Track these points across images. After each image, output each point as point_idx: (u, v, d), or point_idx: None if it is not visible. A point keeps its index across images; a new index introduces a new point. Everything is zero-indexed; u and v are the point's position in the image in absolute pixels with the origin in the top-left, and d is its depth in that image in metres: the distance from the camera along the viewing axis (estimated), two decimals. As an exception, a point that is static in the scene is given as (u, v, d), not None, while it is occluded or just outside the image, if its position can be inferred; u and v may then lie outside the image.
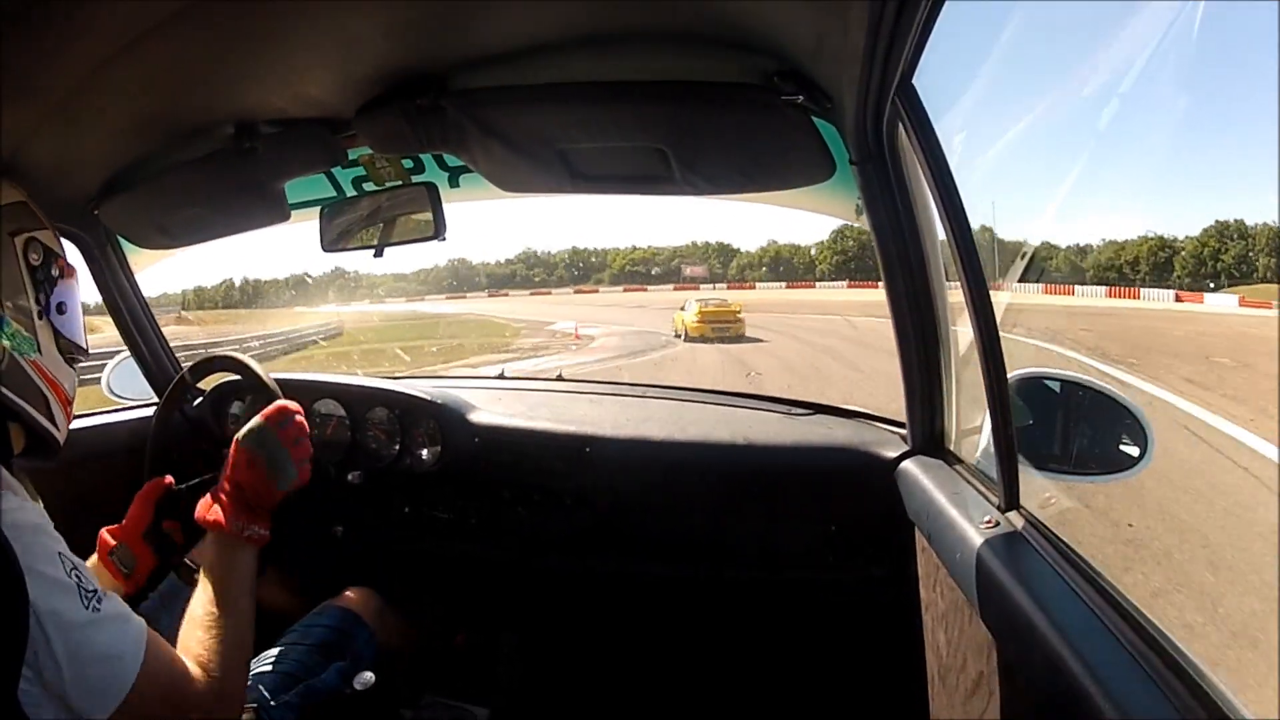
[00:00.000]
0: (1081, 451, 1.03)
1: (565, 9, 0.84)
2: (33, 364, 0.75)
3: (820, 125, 0.95)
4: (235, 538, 0.89)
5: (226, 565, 0.88)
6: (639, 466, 1.38)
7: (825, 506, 1.29)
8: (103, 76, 0.87)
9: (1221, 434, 4.56)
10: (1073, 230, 43.43)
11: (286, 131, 1.11)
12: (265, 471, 0.93)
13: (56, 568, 0.64)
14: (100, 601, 0.66)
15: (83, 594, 0.64)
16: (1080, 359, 7.52)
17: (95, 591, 0.66)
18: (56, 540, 0.67)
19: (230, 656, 0.79)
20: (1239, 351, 8.34)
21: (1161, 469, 3.47)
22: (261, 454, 0.93)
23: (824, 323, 18.73)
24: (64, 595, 0.63)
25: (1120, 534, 3.06)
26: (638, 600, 1.44)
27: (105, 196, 1.26)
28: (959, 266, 0.87)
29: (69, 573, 0.65)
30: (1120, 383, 5.54)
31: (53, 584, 0.63)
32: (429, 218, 1.27)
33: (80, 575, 0.66)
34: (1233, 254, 38.71)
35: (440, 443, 1.48)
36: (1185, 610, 2.46)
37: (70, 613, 0.63)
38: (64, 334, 0.81)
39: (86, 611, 0.64)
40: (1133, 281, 41.44)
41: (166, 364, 1.66)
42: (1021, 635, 0.70)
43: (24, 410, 0.74)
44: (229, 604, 0.83)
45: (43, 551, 0.64)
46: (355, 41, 0.89)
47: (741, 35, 0.86)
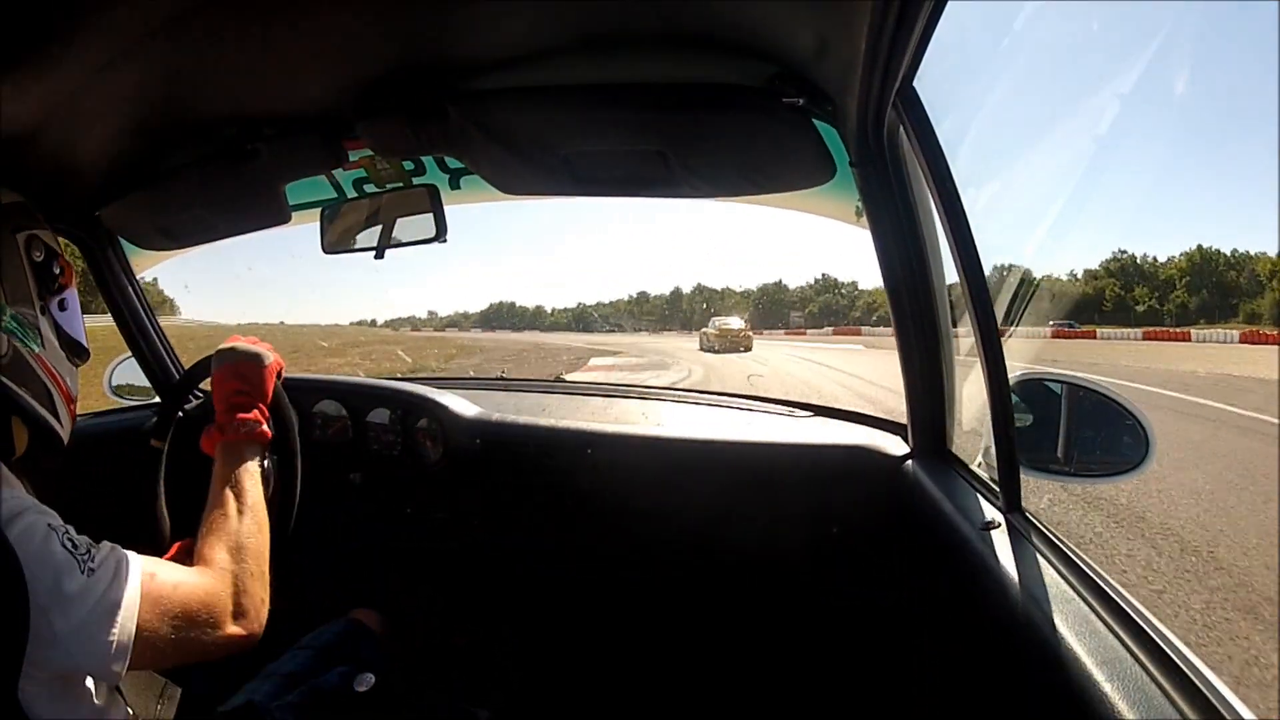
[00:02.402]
0: (1083, 453, 1.02)
1: (567, 11, 0.83)
2: (36, 357, 0.75)
3: (821, 128, 0.95)
4: (235, 438, 0.92)
5: (232, 467, 0.89)
6: (640, 468, 1.38)
7: (827, 508, 1.29)
8: (104, 78, 0.87)
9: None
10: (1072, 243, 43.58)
11: (288, 133, 1.11)
12: (237, 365, 0.98)
13: (51, 544, 0.63)
14: (93, 558, 0.65)
15: (78, 560, 0.64)
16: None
17: (88, 550, 0.65)
18: (45, 513, 0.66)
19: (243, 555, 0.80)
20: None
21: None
22: (223, 358, 0.99)
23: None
24: (63, 573, 0.62)
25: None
26: (639, 601, 1.44)
27: (106, 198, 1.26)
28: (959, 268, 0.87)
29: (62, 541, 0.64)
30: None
31: (52, 566, 0.62)
32: (430, 220, 1.27)
33: (71, 539, 0.65)
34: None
35: (442, 443, 1.48)
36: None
37: (70, 587, 0.62)
38: (66, 331, 0.81)
39: (83, 576, 0.63)
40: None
41: (168, 364, 1.66)
42: (1022, 637, 0.70)
43: (27, 403, 0.73)
44: (239, 503, 0.85)
45: (37, 534, 0.63)
46: (357, 43, 0.89)
47: (742, 38, 0.86)
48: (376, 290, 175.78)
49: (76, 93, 0.89)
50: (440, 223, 1.27)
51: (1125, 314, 53.96)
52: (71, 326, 0.82)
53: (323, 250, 1.37)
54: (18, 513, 0.63)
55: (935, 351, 1.10)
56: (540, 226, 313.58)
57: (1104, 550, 3.20)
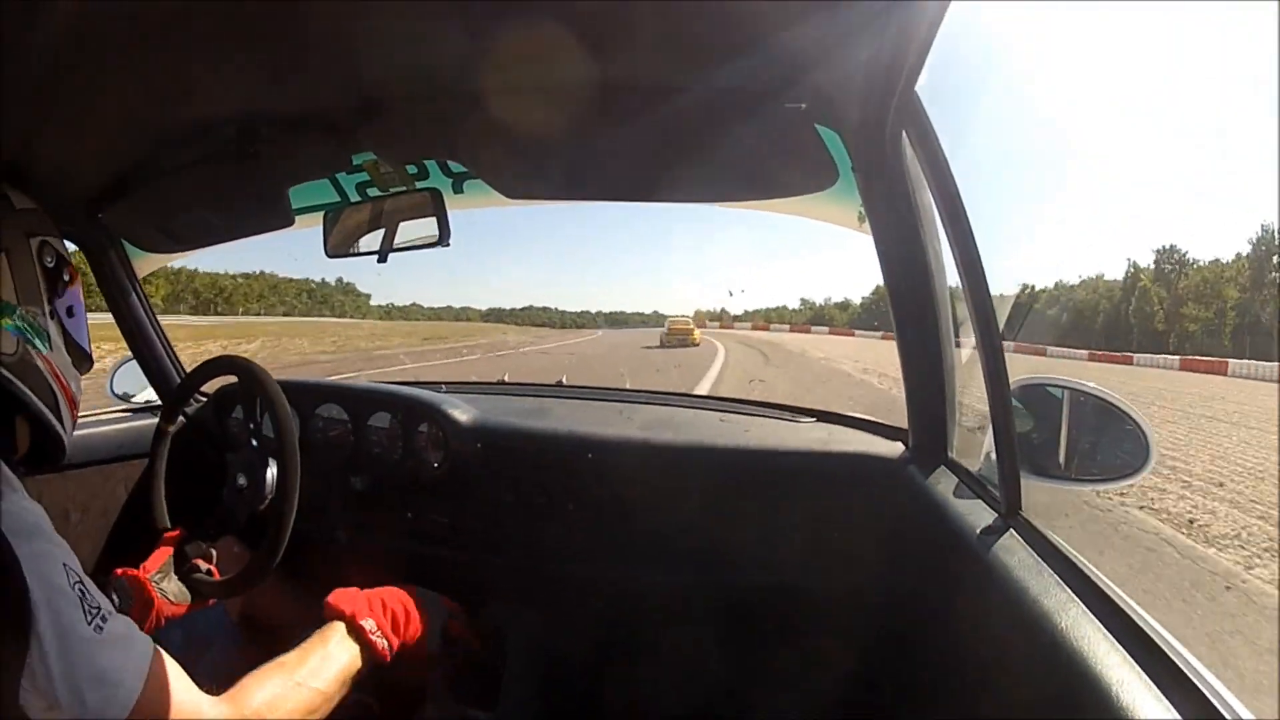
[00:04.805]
0: (1082, 458, 1.03)
1: (569, 15, 0.84)
2: (44, 360, 0.75)
3: (823, 133, 0.95)
4: (363, 633, 0.93)
5: (337, 650, 0.89)
6: (641, 472, 1.38)
7: (827, 512, 1.29)
8: (106, 80, 0.87)
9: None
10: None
11: (290, 136, 1.12)
12: (424, 630, 1.03)
13: (60, 575, 0.62)
14: (105, 620, 0.63)
15: (86, 609, 0.62)
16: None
17: (99, 609, 0.64)
18: (61, 548, 0.65)
19: (275, 711, 0.77)
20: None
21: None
22: (437, 614, 1.07)
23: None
24: (66, 604, 0.61)
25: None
26: (640, 606, 1.44)
27: (108, 201, 1.27)
28: (960, 273, 0.88)
29: (73, 585, 0.62)
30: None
31: (55, 590, 0.61)
32: (433, 223, 1.27)
33: (84, 589, 0.63)
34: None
35: (444, 447, 1.48)
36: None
37: (71, 623, 0.60)
38: (73, 337, 0.82)
39: (89, 628, 0.61)
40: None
41: (170, 367, 1.66)
42: (1022, 642, 0.70)
43: (33, 403, 0.73)
44: (313, 679, 0.83)
45: (46, 556, 0.62)
46: (359, 46, 0.90)
47: (745, 42, 0.86)
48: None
49: (79, 94, 0.90)
50: (443, 227, 1.27)
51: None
52: (78, 333, 0.83)
53: (325, 253, 1.37)
54: (31, 533, 0.62)
55: (937, 356, 1.10)
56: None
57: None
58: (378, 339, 31.09)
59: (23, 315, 0.73)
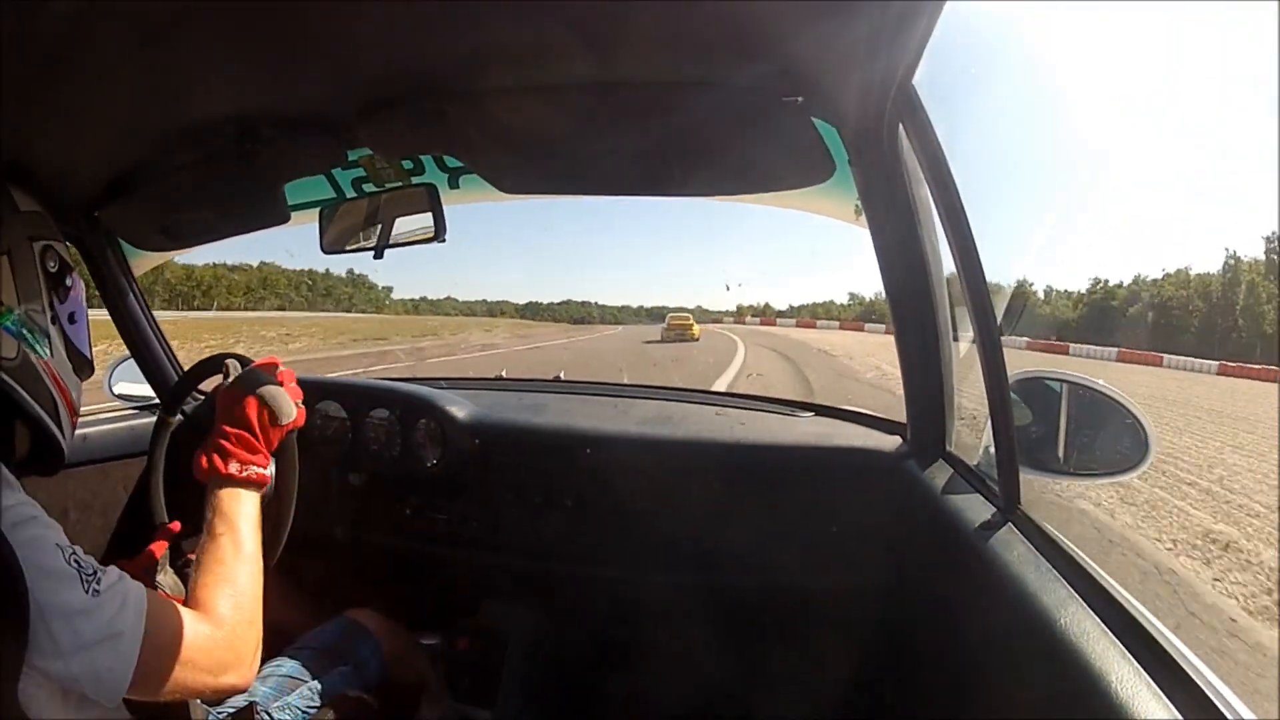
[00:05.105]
0: (1082, 452, 1.02)
1: (566, 11, 0.83)
2: (44, 364, 0.75)
3: (820, 126, 0.95)
4: (236, 480, 0.88)
5: (230, 510, 0.86)
6: (639, 468, 1.38)
7: (826, 507, 1.29)
8: (104, 80, 0.87)
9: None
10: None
11: (287, 133, 1.11)
12: (263, 409, 0.92)
13: (56, 558, 0.63)
14: (99, 580, 0.65)
15: (83, 578, 0.64)
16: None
17: (94, 572, 0.65)
18: (51, 528, 0.66)
19: (241, 605, 0.79)
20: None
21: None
22: (257, 392, 0.93)
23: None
24: (66, 586, 0.62)
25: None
26: (639, 603, 1.44)
27: (106, 199, 1.26)
28: (958, 267, 0.87)
29: (68, 559, 0.64)
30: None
31: (54, 577, 0.62)
32: (429, 219, 1.27)
33: (78, 559, 0.65)
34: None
35: (441, 444, 1.48)
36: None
37: (73, 602, 0.62)
38: (74, 343, 0.81)
39: (87, 595, 0.63)
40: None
41: (167, 365, 1.66)
42: (1021, 638, 0.70)
43: (32, 408, 0.73)
44: (237, 550, 0.83)
45: (41, 545, 0.63)
46: (356, 43, 0.89)
47: (742, 36, 0.86)
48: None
49: (77, 94, 0.89)
50: (439, 222, 1.27)
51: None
52: (79, 340, 0.82)
53: (321, 250, 1.37)
54: (23, 520, 0.63)
55: (934, 350, 1.10)
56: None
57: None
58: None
59: (23, 319, 0.73)
